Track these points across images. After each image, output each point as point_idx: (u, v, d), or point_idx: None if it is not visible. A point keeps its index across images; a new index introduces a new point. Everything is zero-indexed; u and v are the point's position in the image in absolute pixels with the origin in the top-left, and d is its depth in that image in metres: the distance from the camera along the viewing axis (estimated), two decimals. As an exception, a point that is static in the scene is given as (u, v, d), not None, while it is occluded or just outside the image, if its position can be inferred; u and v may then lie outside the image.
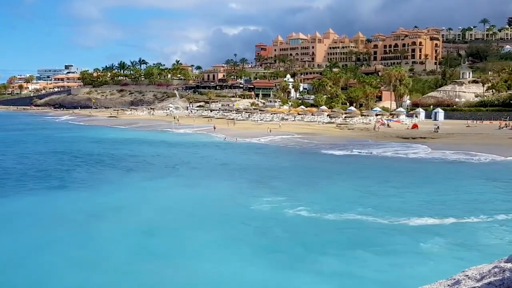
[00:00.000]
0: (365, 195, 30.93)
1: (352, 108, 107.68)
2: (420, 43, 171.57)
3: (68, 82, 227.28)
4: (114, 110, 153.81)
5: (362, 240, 21.78)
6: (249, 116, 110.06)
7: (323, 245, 21.30)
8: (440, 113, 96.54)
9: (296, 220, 25.15)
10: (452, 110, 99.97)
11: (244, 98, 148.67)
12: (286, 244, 21.46)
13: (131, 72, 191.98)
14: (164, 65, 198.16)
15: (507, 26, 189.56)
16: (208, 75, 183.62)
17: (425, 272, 17.31)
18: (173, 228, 24.06)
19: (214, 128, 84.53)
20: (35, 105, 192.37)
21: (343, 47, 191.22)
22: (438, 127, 72.94)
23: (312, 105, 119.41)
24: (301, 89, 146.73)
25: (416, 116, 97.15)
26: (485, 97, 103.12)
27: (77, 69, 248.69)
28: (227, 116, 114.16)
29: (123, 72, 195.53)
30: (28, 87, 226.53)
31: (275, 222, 24.85)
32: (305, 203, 28.13)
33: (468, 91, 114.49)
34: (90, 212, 27.51)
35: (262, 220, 25.25)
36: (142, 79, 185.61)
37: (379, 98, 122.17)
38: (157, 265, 18.98)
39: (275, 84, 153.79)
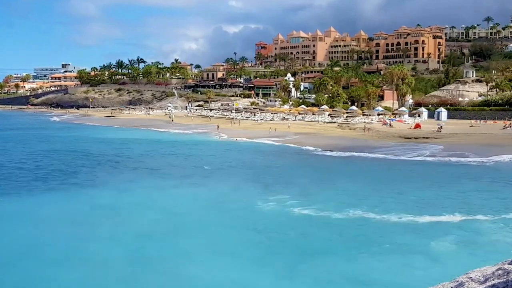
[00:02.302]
0: (370, 197, 30.18)
1: (354, 107, 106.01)
2: (423, 41, 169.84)
3: (65, 81, 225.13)
4: (112, 109, 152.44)
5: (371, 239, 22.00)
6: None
7: (332, 244, 21.57)
8: (443, 112, 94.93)
9: (302, 219, 25.12)
10: (455, 110, 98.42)
11: (244, 97, 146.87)
12: (292, 245, 21.43)
13: (129, 71, 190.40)
14: (162, 64, 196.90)
15: (511, 24, 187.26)
16: (208, 74, 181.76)
17: (434, 271, 17.37)
18: (173, 232, 23.55)
19: (218, 127, 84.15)
20: (32, 105, 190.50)
21: (344, 46, 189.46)
22: (441, 126, 71.68)
23: (313, 105, 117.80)
24: (301, 88, 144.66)
25: (419, 116, 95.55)
26: (489, 97, 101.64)
27: (74, 68, 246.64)
28: (226, 115, 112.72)
29: (121, 71, 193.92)
30: (24, 86, 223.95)
31: (281, 222, 24.92)
32: (312, 203, 27.98)
33: (472, 90, 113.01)
34: (87, 213, 27.28)
35: (267, 220, 25.21)
36: (141, 78, 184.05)
37: (381, 98, 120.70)
38: (157, 269, 18.70)
39: (276, 83, 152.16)
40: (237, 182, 35.75)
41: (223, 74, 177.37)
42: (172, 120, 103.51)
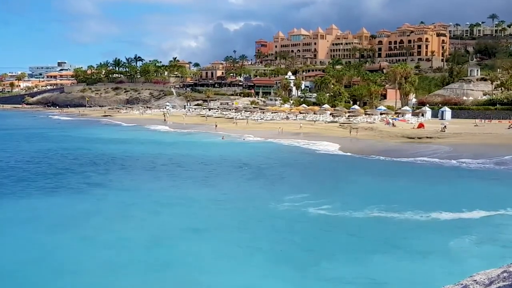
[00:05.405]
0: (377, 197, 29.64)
1: (356, 106, 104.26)
2: (427, 39, 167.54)
3: (61, 79, 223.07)
4: (109, 108, 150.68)
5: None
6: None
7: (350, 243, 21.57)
8: (447, 112, 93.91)
9: (319, 220, 24.92)
10: (460, 109, 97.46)
11: (243, 96, 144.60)
12: (307, 246, 21.19)
13: (127, 69, 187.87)
14: (160, 62, 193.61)
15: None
16: (207, 73, 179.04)
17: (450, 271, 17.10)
18: (185, 234, 22.94)
19: (216, 126, 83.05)
20: (27, 104, 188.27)
21: (346, 44, 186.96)
22: (445, 126, 69.92)
23: (314, 104, 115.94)
24: (302, 87, 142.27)
25: (422, 115, 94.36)
26: (494, 96, 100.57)
27: (70, 66, 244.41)
28: (226, 115, 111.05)
29: (118, 69, 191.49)
30: (19, 85, 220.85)
31: (296, 221, 24.72)
32: (328, 204, 27.71)
33: (476, 89, 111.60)
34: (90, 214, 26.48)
35: (284, 221, 24.92)
36: (138, 76, 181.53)
37: (384, 97, 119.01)
38: (167, 271, 18.30)
39: (276, 82, 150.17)
40: (247, 183, 35.45)
41: (222, 73, 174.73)
42: (165, 120, 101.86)
